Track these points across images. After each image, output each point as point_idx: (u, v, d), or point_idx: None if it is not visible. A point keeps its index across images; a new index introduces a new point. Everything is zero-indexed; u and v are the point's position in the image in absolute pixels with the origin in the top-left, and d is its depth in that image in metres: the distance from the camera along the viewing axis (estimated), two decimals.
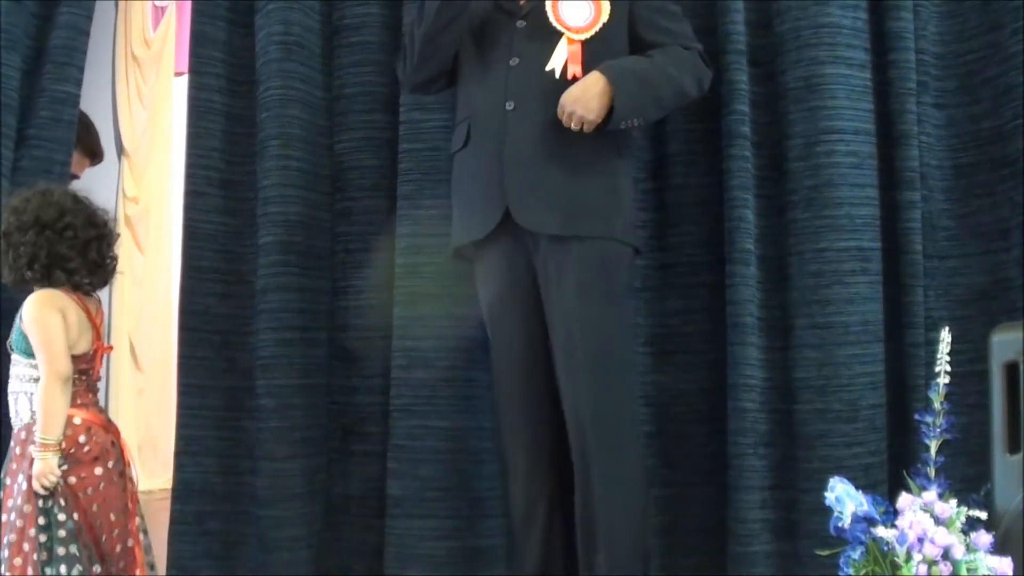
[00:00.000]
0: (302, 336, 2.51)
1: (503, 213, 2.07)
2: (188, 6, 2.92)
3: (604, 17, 2.10)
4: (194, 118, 2.64)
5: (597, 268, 2.04)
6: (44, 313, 2.03)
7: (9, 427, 2.10)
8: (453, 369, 2.38)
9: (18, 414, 2.05)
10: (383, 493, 2.42)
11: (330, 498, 2.54)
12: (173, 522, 2.53)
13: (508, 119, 2.08)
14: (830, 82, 2.30)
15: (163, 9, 4.20)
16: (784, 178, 2.35)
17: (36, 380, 2.03)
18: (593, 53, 2.08)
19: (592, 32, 2.09)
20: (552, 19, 2.08)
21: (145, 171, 4.13)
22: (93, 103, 2.84)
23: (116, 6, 4.04)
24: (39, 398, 2.00)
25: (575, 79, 2.05)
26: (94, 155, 3.01)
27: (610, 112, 2.02)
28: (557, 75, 2.06)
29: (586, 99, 2.01)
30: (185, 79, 2.82)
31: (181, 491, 2.53)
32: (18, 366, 2.06)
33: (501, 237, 2.09)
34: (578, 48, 2.07)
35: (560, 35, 2.08)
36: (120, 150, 4.19)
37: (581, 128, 2.02)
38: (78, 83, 2.71)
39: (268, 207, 2.51)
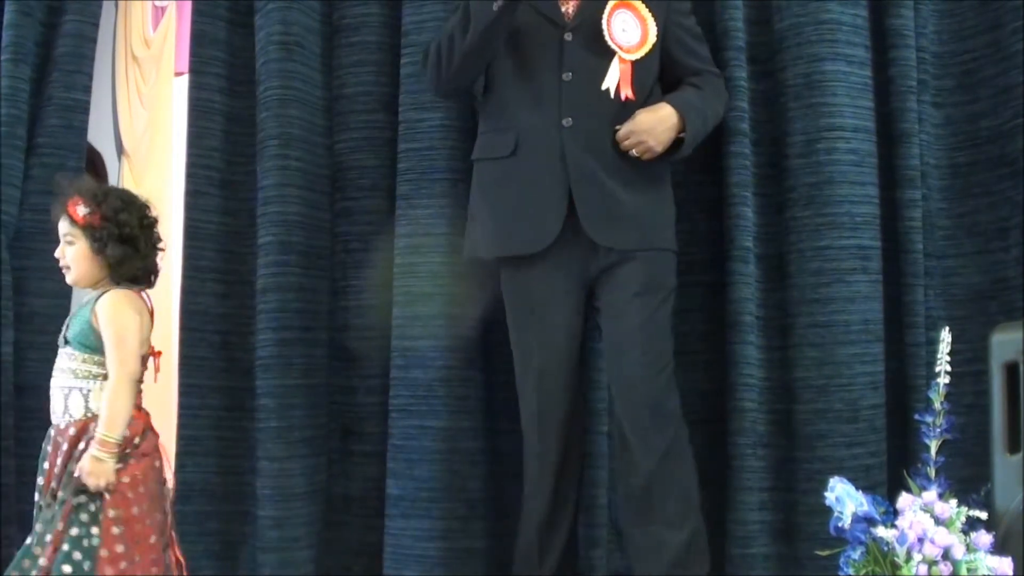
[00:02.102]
0: (302, 336, 2.51)
1: (560, 227, 2.11)
2: (188, 6, 2.91)
3: (652, 38, 2.13)
4: (194, 118, 2.64)
5: (656, 275, 2.14)
6: (125, 313, 2.02)
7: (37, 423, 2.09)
8: (449, 369, 2.37)
9: (67, 410, 2.01)
10: (383, 493, 2.42)
11: (330, 498, 2.54)
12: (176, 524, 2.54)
13: (566, 136, 2.11)
14: (830, 79, 2.30)
15: (163, 9, 4.19)
16: (784, 176, 2.35)
17: (96, 377, 2.00)
18: (638, 72, 2.12)
19: (643, 52, 2.12)
20: (607, 38, 2.09)
21: (145, 171, 4.13)
22: (93, 103, 2.83)
23: (116, 6, 4.03)
24: (107, 397, 1.98)
25: (628, 100, 2.09)
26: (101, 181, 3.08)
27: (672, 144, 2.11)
28: (612, 95, 2.09)
29: (658, 131, 2.09)
30: (185, 79, 2.82)
31: (181, 491, 2.52)
32: (74, 361, 2.02)
33: (553, 248, 2.12)
34: (628, 68, 2.11)
35: (612, 53, 2.10)
36: (120, 150, 4.18)
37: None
38: (87, 89, 2.74)
39: (268, 207, 2.51)
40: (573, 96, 2.12)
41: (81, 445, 1.98)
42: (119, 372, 1.99)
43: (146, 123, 4.18)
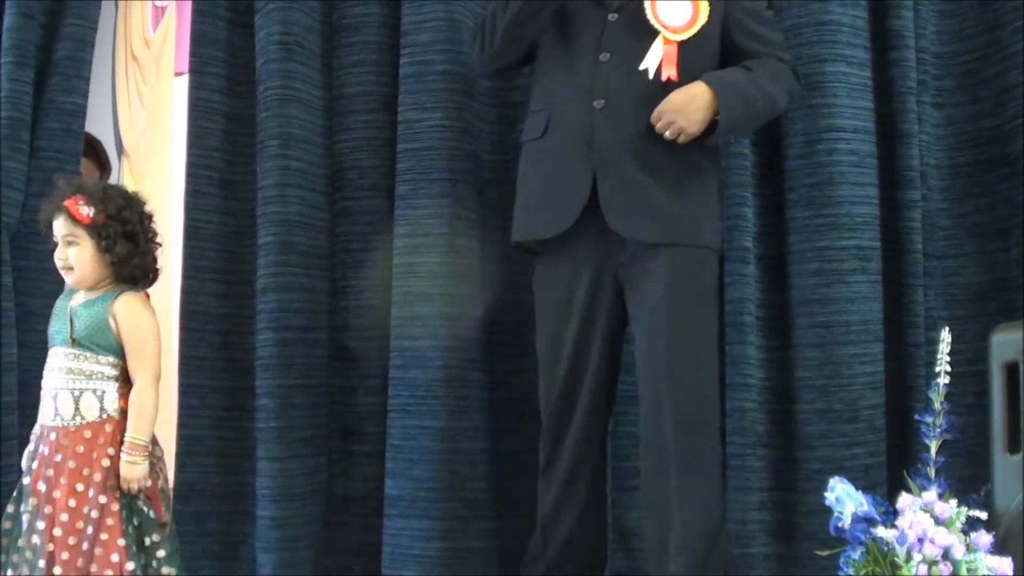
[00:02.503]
0: (302, 336, 2.51)
1: (581, 213, 2.00)
2: (188, 6, 2.92)
3: (703, 18, 2.01)
4: (194, 118, 2.64)
5: (687, 273, 1.99)
6: (148, 315, 2.04)
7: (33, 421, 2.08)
8: (448, 369, 2.36)
9: (78, 412, 1.99)
10: (383, 493, 2.41)
11: (330, 498, 2.54)
12: (173, 522, 2.53)
13: (596, 117, 2.00)
14: (830, 80, 2.30)
15: (163, 9, 4.19)
16: (783, 176, 2.35)
17: (110, 379, 2.01)
18: (687, 55, 2.00)
19: (690, 33, 2.00)
20: (650, 16, 1.99)
21: (145, 171, 4.13)
22: (93, 103, 2.83)
23: (116, 6, 4.04)
24: (135, 399, 1.99)
25: (669, 81, 1.98)
26: (104, 168, 3.06)
27: (708, 126, 1.97)
28: (651, 75, 1.99)
29: (689, 111, 1.94)
30: (185, 79, 2.82)
31: (181, 491, 2.52)
32: (84, 362, 2.01)
33: (578, 234, 2.02)
34: (674, 49, 1.99)
35: (656, 33, 1.99)
36: (120, 150, 4.18)
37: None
38: (85, 94, 2.75)
39: (268, 207, 2.51)
40: (607, 77, 2.01)
41: (110, 450, 1.98)
42: (145, 374, 2.00)
43: (146, 123, 4.18)
